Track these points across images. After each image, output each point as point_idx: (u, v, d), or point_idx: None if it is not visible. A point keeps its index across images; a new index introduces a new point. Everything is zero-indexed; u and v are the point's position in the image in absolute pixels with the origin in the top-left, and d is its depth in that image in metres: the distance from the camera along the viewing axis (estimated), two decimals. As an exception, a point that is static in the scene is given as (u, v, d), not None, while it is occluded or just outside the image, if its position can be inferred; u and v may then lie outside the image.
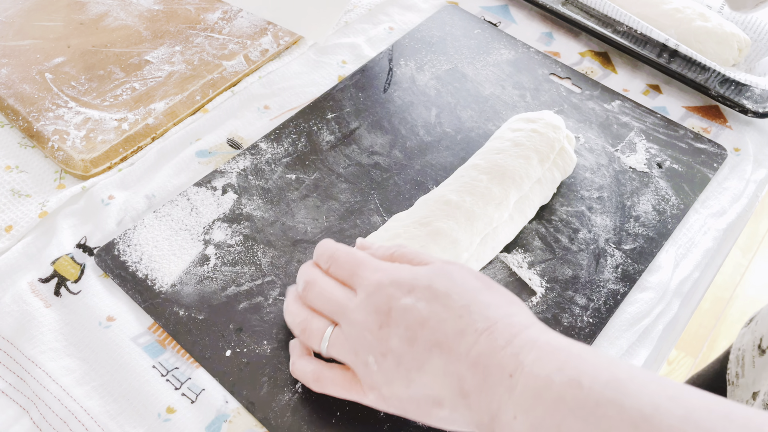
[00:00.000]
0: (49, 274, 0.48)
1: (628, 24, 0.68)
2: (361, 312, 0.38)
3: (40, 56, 0.61)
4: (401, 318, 0.36)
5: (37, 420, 0.42)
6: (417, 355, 0.36)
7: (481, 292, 0.37)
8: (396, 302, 0.37)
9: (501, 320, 0.35)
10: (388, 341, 0.36)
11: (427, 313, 0.36)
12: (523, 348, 0.34)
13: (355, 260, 0.40)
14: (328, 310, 0.40)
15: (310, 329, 0.40)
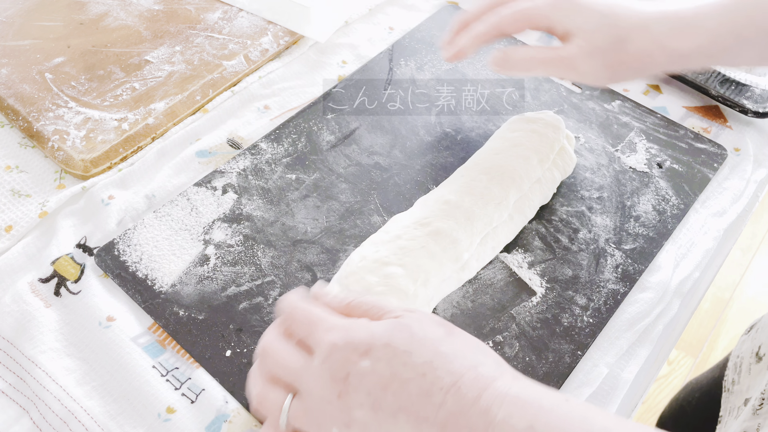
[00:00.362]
0: (49, 274, 0.48)
1: (628, 24, 0.68)
2: (318, 380, 0.35)
3: (40, 56, 0.61)
4: (360, 384, 0.34)
5: (37, 420, 0.42)
6: (382, 423, 0.33)
7: (443, 343, 0.35)
8: (353, 367, 0.34)
9: (467, 373, 0.33)
10: (350, 411, 0.34)
11: (389, 375, 0.33)
12: (493, 404, 0.32)
13: (309, 318, 0.37)
14: (285, 379, 0.36)
15: (267, 401, 0.36)
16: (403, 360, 0.34)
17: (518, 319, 0.47)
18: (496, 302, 0.48)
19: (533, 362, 0.45)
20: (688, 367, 1.47)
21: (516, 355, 0.45)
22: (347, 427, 0.34)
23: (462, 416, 0.32)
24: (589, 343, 0.47)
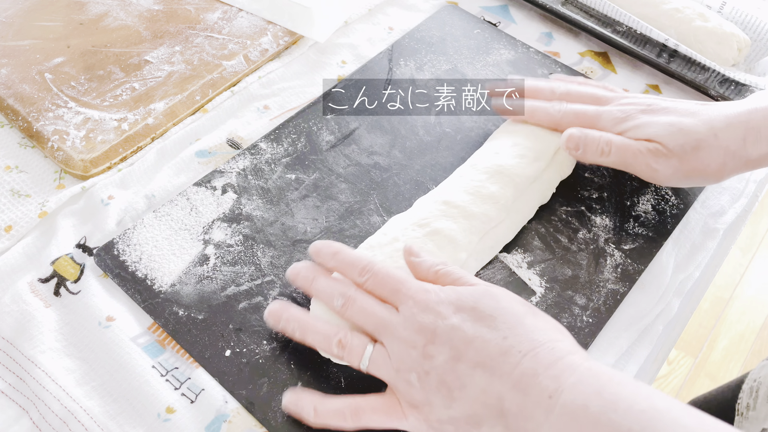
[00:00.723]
0: (48, 274, 0.48)
1: (627, 24, 0.68)
2: (407, 330, 0.38)
3: (40, 56, 0.61)
4: (447, 337, 0.37)
5: (36, 420, 0.42)
6: (460, 374, 0.36)
7: (527, 316, 0.38)
8: (442, 321, 0.37)
9: (545, 344, 0.36)
10: (433, 359, 0.37)
11: (473, 333, 0.37)
12: (564, 371, 0.34)
13: (396, 278, 0.41)
14: (371, 327, 0.40)
15: (351, 346, 0.40)
16: (488, 323, 0.37)
17: (518, 319, 0.47)
18: (496, 302, 0.48)
19: (533, 362, 0.45)
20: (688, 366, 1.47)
21: (516, 355, 0.45)
22: (426, 374, 0.37)
23: (534, 377, 0.35)
24: (588, 343, 0.47)
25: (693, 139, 0.48)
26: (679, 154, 0.48)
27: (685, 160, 0.48)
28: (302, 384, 0.43)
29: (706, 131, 0.48)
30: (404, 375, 0.38)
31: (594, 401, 0.33)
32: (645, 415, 0.32)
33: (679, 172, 0.49)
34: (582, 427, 0.33)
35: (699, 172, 0.49)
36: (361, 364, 0.40)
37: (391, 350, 0.39)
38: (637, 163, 0.50)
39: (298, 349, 0.45)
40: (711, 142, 0.48)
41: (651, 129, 0.49)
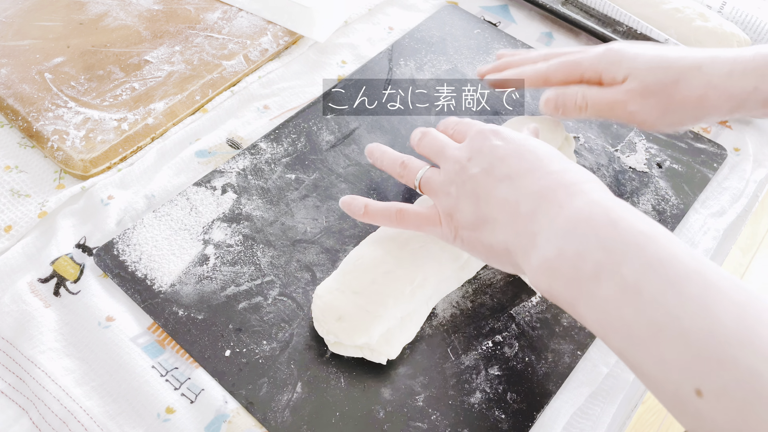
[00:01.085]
0: (48, 274, 0.48)
1: (628, 24, 0.68)
2: (459, 150, 0.44)
3: (40, 56, 0.61)
4: (488, 153, 0.42)
5: (36, 420, 0.42)
6: (490, 183, 0.40)
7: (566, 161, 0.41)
8: (488, 142, 0.42)
9: (572, 170, 0.39)
10: (471, 170, 0.42)
11: (510, 152, 0.41)
12: (580, 192, 0.37)
13: (466, 122, 0.46)
14: (434, 151, 0.46)
15: (411, 165, 0.47)
16: (526, 150, 0.41)
17: (518, 319, 0.47)
18: (496, 302, 0.48)
19: (533, 362, 0.45)
20: (688, 367, 1.47)
21: (516, 355, 0.45)
22: (463, 184, 0.42)
23: (552, 191, 0.38)
24: (589, 343, 0.47)
25: (674, 72, 0.47)
26: (656, 91, 0.47)
27: (663, 95, 0.47)
28: (302, 384, 0.43)
29: (690, 63, 0.47)
30: (447, 187, 0.43)
31: (599, 216, 0.35)
32: (641, 235, 0.33)
33: (657, 109, 0.48)
34: (579, 233, 0.35)
35: (678, 106, 0.47)
36: (415, 179, 0.46)
37: (443, 168, 0.44)
38: (615, 111, 0.49)
39: (298, 349, 0.45)
40: (693, 74, 0.46)
41: (633, 63, 0.48)
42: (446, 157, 0.44)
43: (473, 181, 0.41)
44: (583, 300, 0.34)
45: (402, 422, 0.42)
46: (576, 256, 0.34)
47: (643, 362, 0.32)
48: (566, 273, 0.35)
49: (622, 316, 0.32)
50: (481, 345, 0.46)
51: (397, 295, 0.43)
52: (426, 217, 0.44)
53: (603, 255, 0.33)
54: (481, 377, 0.44)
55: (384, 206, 0.46)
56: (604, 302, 0.33)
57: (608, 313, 0.33)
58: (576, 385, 0.45)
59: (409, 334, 0.45)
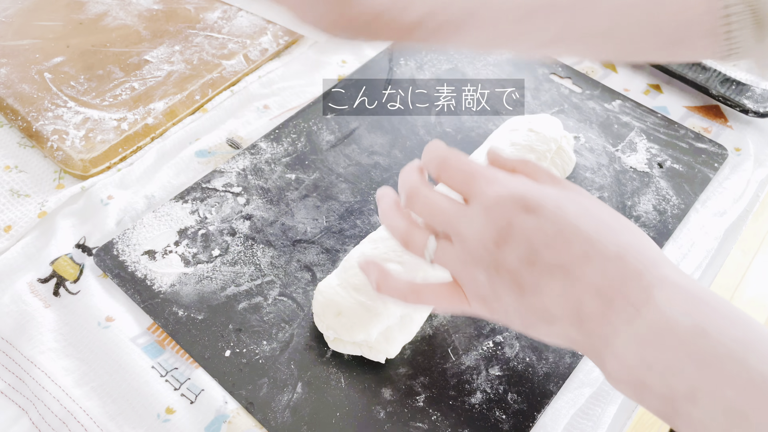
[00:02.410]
0: (48, 274, 0.48)
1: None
2: (476, 225, 0.35)
3: (40, 56, 0.61)
4: (523, 236, 0.33)
5: (36, 420, 0.42)
6: (536, 277, 0.33)
7: (612, 218, 0.35)
8: (518, 219, 0.34)
9: (633, 248, 0.33)
10: (505, 258, 0.34)
11: (553, 233, 0.33)
12: (655, 284, 0.32)
13: (469, 169, 0.37)
14: (438, 222, 0.37)
15: (414, 242, 0.38)
16: (571, 225, 0.33)
17: (518, 319, 0.47)
18: (497, 302, 0.48)
19: (533, 362, 0.45)
20: (689, 367, 1.46)
21: (516, 355, 0.45)
22: (497, 273, 0.34)
23: (621, 286, 0.32)
24: (589, 343, 0.47)
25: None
26: None
27: None
28: (302, 384, 0.43)
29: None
30: (471, 271, 0.35)
31: (683, 321, 0.30)
32: (736, 342, 0.29)
33: None
34: (666, 343, 0.30)
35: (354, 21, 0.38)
36: (426, 256, 0.37)
37: (458, 246, 0.36)
38: None
39: (298, 349, 0.45)
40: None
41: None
42: (459, 233, 0.36)
43: (511, 272, 0.34)
44: (679, 418, 0.31)
45: (402, 422, 0.42)
46: (666, 372, 0.30)
47: None
48: (658, 390, 0.31)
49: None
50: (482, 345, 0.46)
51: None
52: (449, 299, 0.37)
53: (698, 374, 0.29)
54: (481, 377, 0.44)
55: (397, 285, 0.38)
56: (705, 427, 0.30)
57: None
58: (577, 386, 0.45)
59: (409, 333, 0.45)
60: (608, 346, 0.32)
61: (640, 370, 0.31)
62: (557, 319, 0.33)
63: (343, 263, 0.46)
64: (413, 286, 0.38)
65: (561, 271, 0.33)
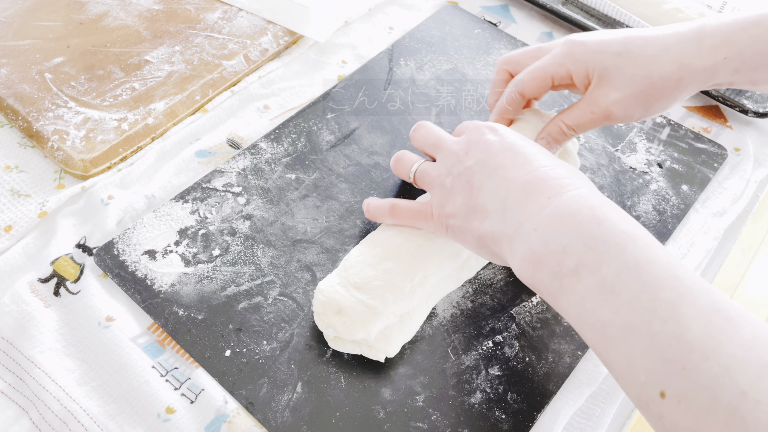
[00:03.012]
0: (48, 274, 0.48)
1: (628, 24, 0.68)
2: (456, 144, 0.45)
3: (40, 56, 0.61)
4: (484, 147, 0.43)
5: (36, 420, 0.42)
6: (484, 173, 0.41)
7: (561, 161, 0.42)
8: (484, 137, 0.43)
9: (564, 167, 0.40)
10: (467, 162, 0.43)
11: (506, 147, 0.42)
12: (569, 186, 0.38)
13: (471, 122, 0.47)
14: (429, 145, 0.47)
15: (404, 160, 0.49)
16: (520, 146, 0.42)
17: (518, 319, 0.47)
18: (496, 302, 0.48)
19: (533, 362, 0.45)
20: (689, 367, 1.47)
21: (516, 355, 0.45)
22: (458, 176, 0.43)
23: (543, 182, 0.39)
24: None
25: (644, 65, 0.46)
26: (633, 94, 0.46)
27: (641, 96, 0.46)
28: (302, 384, 0.43)
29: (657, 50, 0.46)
30: (442, 179, 0.44)
31: (584, 212, 0.36)
32: (624, 236, 0.34)
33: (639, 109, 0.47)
34: (564, 226, 0.36)
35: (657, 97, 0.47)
36: (410, 172, 0.48)
37: (439, 160, 0.45)
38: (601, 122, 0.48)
39: (298, 349, 0.45)
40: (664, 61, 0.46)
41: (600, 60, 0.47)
42: (443, 150, 0.45)
43: (468, 173, 0.42)
44: (563, 294, 0.35)
45: (402, 422, 0.42)
46: (559, 251, 0.35)
47: (614, 360, 0.33)
48: (549, 266, 0.36)
49: (598, 314, 0.33)
50: (482, 345, 0.46)
51: (397, 291, 0.43)
52: (418, 211, 0.45)
53: (585, 252, 0.35)
54: (481, 377, 0.44)
55: (380, 203, 0.48)
56: (582, 299, 0.34)
57: (586, 309, 0.34)
58: (576, 386, 0.45)
59: (408, 333, 0.45)
60: (520, 230, 0.38)
61: (540, 249, 0.36)
62: (489, 214, 0.40)
63: (343, 262, 0.46)
64: (392, 204, 0.47)
65: (502, 170, 0.41)
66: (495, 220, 0.40)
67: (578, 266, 0.35)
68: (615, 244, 0.34)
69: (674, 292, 0.32)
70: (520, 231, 0.38)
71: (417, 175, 0.47)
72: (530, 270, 0.37)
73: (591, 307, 0.34)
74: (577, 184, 0.38)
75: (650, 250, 0.34)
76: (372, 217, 0.49)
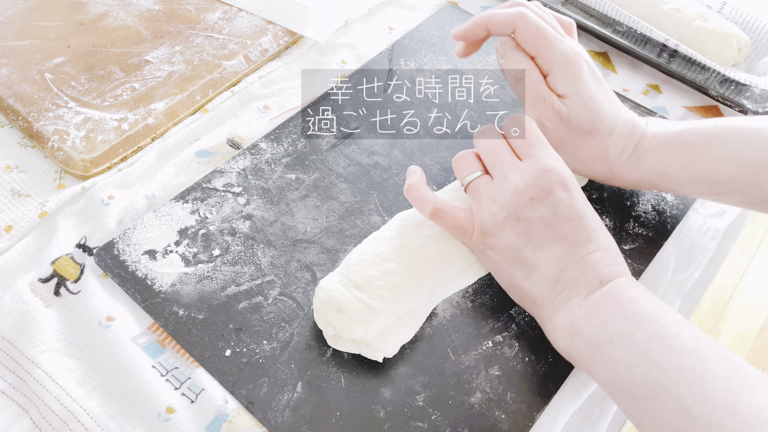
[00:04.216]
0: (48, 274, 0.48)
1: (627, 24, 0.68)
2: (524, 177, 0.43)
3: (40, 56, 0.61)
4: (553, 204, 0.42)
5: (36, 420, 0.42)
6: (546, 237, 0.42)
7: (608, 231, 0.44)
8: (555, 191, 0.42)
9: (617, 251, 0.43)
10: (531, 212, 0.42)
11: (576, 215, 0.42)
12: (620, 272, 0.41)
13: (535, 137, 0.45)
14: (490, 160, 0.45)
15: (465, 164, 0.46)
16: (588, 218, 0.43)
17: (518, 319, 0.47)
18: (496, 302, 0.48)
19: (533, 362, 0.45)
20: (688, 367, 1.47)
21: (516, 355, 0.45)
22: (516, 220, 0.43)
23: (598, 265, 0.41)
24: (588, 342, 0.47)
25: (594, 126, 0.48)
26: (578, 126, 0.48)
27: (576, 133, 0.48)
28: (302, 384, 0.43)
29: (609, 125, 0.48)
30: (495, 209, 0.43)
31: (624, 293, 0.40)
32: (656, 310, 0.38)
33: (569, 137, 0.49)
34: (606, 305, 0.39)
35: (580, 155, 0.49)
36: (465, 179, 0.46)
37: (497, 185, 0.44)
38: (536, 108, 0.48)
39: (298, 349, 0.45)
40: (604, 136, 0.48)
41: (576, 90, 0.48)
42: (504, 175, 0.44)
43: (527, 223, 0.42)
44: (597, 360, 0.39)
45: (402, 422, 0.42)
46: (599, 324, 0.39)
47: (644, 419, 0.36)
48: (588, 336, 0.39)
49: (630, 376, 0.37)
50: (482, 345, 0.46)
51: (397, 292, 0.43)
52: (459, 226, 0.45)
53: (622, 323, 0.38)
54: (481, 377, 0.44)
55: (424, 197, 0.46)
56: (616, 364, 0.38)
57: (618, 373, 0.37)
58: (576, 386, 0.45)
59: (407, 334, 0.45)
60: (565, 304, 0.41)
61: (582, 323, 0.40)
62: (538, 275, 0.42)
63: (345, 260, 0.46)
64: (436, 208, 0.45)
65: (565, 241, 0.42)
66: (543, 284, 0.42)
67: (614, 336, 0.38)
68: (648, 315, 0.38)
69: (699, 358, 0.35)
70: (566, 305, 0.41)
71: (470, 187, 0.46)
72: (568, 339, 0.41)
73: (623, 371, 0.37)
74: (623, 271, 0.42)
75: (679, 324, 0.38)
76: (411, 200, 0.47)
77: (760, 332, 1.54)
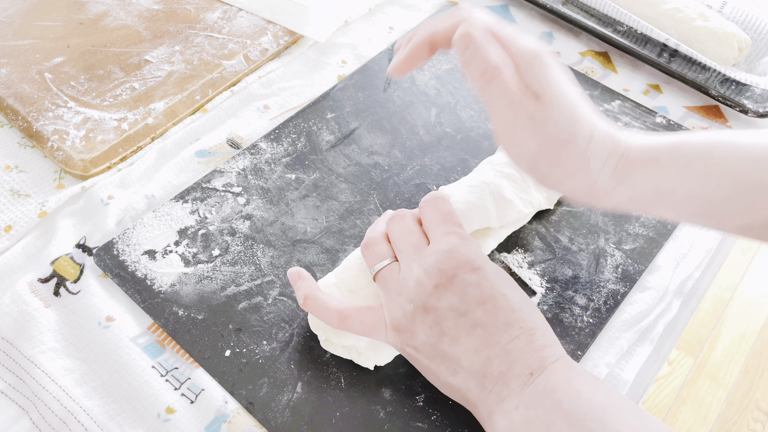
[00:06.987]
0: (48, 274, 0.48)
1: (628, 24, 0.68)
2: (426, 264, 0.39)
3: (40, 56, 0.61)
4: (460, 290, 0.38)
5: (36, 420, 0.42)
6: (460, 327, 0.38)
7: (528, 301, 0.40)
8: (460, 275, 0.39)
9: (542, 329, 0.39)
10: (438, 302, 0.38)
11: (487, 297, 0.38)
12: (549, 356, 0.37)
13: (446, 216, 0.42)
14: (398, 246, 0.42)
15: (374, 251, 0.43)
16: (502, 294, 0.38)
17: (518, 319, 0.47)
18: (496, 302, 0.48)
19: (533, 362, 0.45)
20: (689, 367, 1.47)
21: (516, 355, 0.45)
22: (425, 312, 0.38)
23: (525, 353, 0.37)
24: (589, 343, 0.47)
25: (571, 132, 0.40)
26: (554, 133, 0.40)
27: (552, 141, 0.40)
28: (302, 384, 0.43)
29: (587, 133, 0.41)
30: (402, 301, 0.40)
31: (562, 387, 0.36)
32: (602, 409, 0.35)
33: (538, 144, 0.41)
34: (546, 405, 0.35)
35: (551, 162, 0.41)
36: (372, 269, 0.42)
37: (404, 274, 0.40)
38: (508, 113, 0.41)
39: (298, 349, 0.45)
40: (581, 145, 0.41)
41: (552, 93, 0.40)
42: (409, 264, 0.40)
43: (437, 314, 0.38)
44: None
45: (402, 422, 0.42)
46: (543, 428, 0.35)
47: None
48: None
49: None
50: (482, 345, 0.46)
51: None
52: (371, 328, 0.41)
53: (567, 428, 0.34)
54: (481, 377, 0.44)
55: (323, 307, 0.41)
56: None
57: None
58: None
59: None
60: (500, 404, 0.37)
61: (522, 428, 0.35)
62: (463, 371, 0.38)
63: (344, 263, 0.46)
64: (341, 314, 0.41)
65: (483, 330, 0.38)
66: (470, 380, 0.38)
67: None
68: (596, 418, 0.34)
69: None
70: (501, 405, 0.37)
71: (378, 276, 0.42)
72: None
73: None
74: (556, 353, 0.37)
75: (628, 422, 0.34)
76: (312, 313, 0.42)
77: (760, 332, 1.54)
